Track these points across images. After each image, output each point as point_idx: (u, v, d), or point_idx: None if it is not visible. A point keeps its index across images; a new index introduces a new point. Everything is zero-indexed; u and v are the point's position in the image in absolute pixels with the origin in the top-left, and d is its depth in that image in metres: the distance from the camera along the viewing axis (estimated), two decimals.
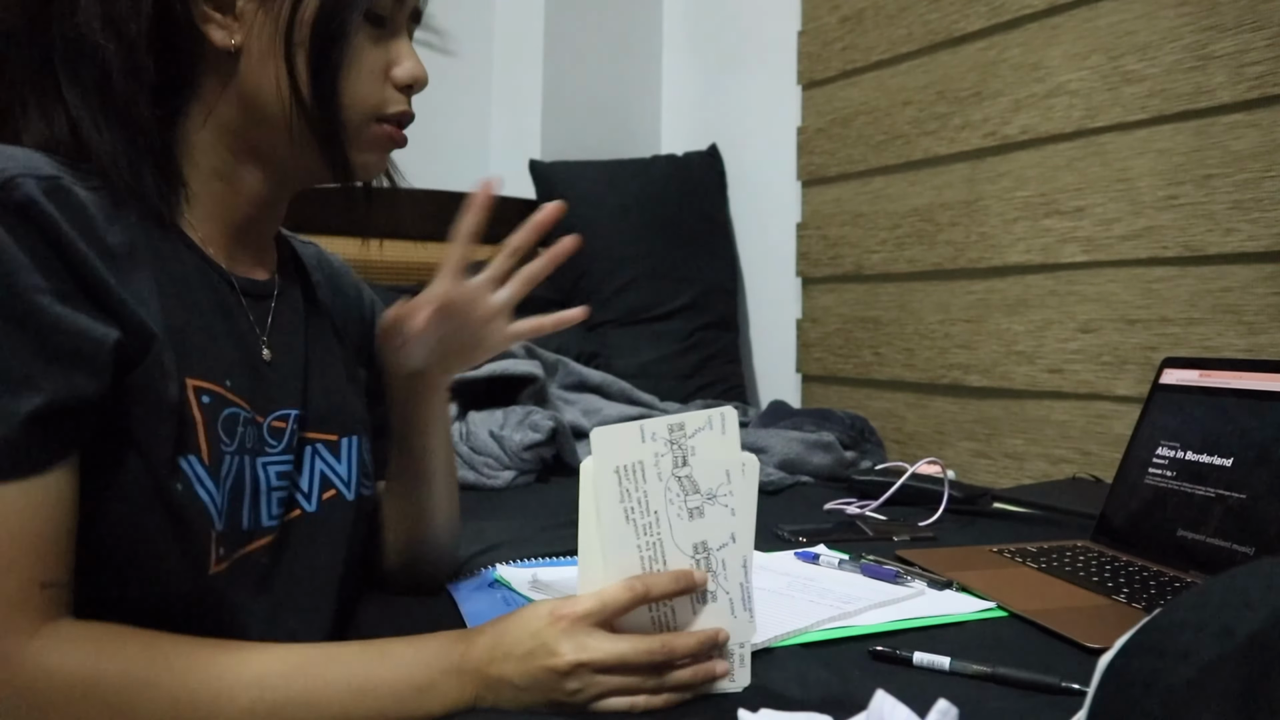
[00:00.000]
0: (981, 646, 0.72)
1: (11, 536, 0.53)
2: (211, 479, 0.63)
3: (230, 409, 0.66)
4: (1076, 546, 1.02)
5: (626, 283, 2.20)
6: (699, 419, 0.61)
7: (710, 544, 0.62)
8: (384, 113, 0.71)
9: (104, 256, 0.59)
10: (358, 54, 0.69)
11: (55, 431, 0.55)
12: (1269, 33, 1.36)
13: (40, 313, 0.55)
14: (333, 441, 0.77)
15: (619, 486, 0.60)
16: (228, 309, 0.70)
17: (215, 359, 0.66)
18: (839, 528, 1.17)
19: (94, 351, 0.57)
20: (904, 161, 1.93)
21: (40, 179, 0.57)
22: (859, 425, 1.79)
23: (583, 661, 0.58)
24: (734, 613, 0.63)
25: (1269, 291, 1.38)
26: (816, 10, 2.15)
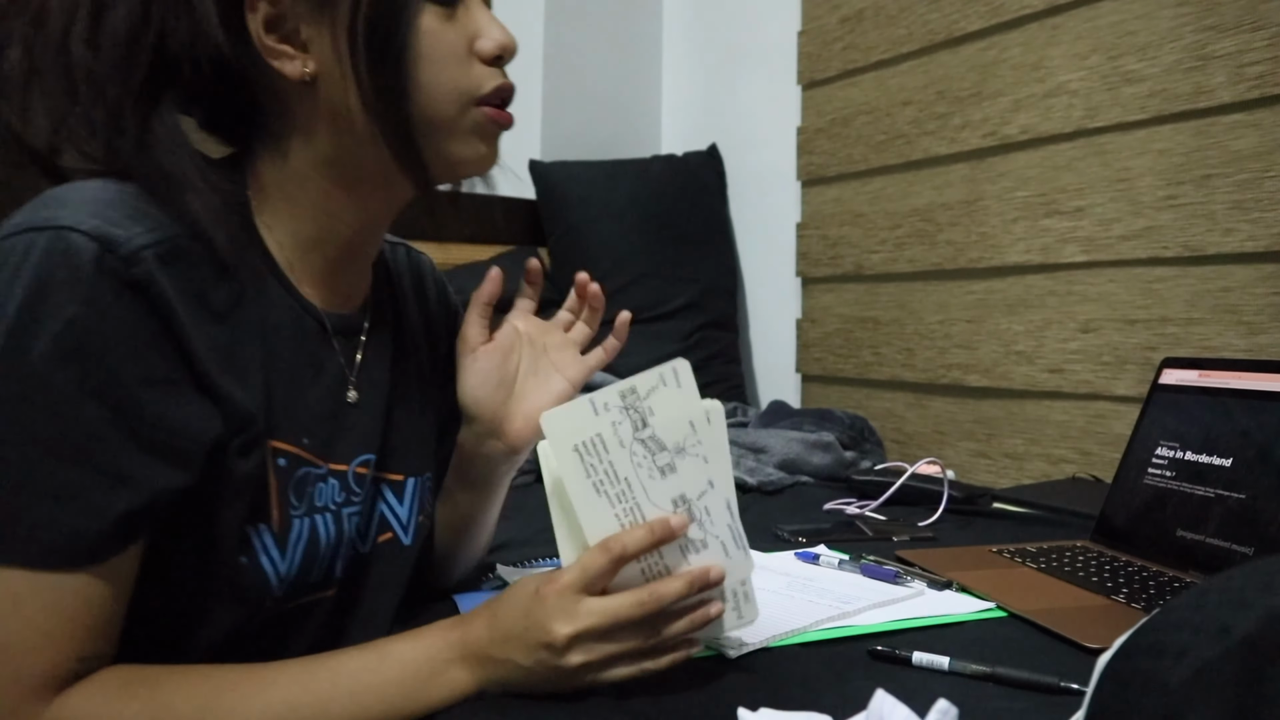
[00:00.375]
0: (981, 646, 0.72)
1: (63, 618, 0.53)
2: (278, 547, 0.63)
3: (303, 469, 0.65)
4: (1076, 546, 1.02)
5: (626, 283, 2.20)
6: (650, 378, 0.60)
7: (689, 495, 0.61)
8: (479, 93, 0.66)
9: (213, 320, 0.59)
10: (429, 39, 0.63)
11: (139, 525, 0.55)
12: (1269, 33, 1.36)
13: (143, 406, 0.54)
14: (399, 482, 0.75)
15: (582, 463, 0.59)
16: (317, 356, 0.68)
17: (298, 416, 0.65)
18: (839, 528, 1.17)
19: (192, 448, 0.57)
20: (904, 161, 1.93)
21: (160, 244, 0.56)
22: (859, 425, 1.79)
23: (578, 631, 0.58)
24: (727, 553, 0.63)
25: (1269, 291, 1.38)
26: (816, 10, 2.15)
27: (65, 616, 0.53)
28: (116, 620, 0.56)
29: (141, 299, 0.55)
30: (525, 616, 0.59)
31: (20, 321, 0.52)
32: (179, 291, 0.56)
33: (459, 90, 0.65)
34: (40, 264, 0.52)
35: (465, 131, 0.66)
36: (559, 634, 0.58)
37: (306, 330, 0.68)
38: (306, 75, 0.62)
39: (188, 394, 0.57)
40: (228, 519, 0.60)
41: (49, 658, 0.52)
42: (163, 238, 0.56)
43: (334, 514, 0.68)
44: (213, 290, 0.60)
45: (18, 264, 0.53)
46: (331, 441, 0.68)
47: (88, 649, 0.54)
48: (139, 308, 0.54)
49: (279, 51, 0.62)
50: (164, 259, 0.56)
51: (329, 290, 0.70)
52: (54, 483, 0.52)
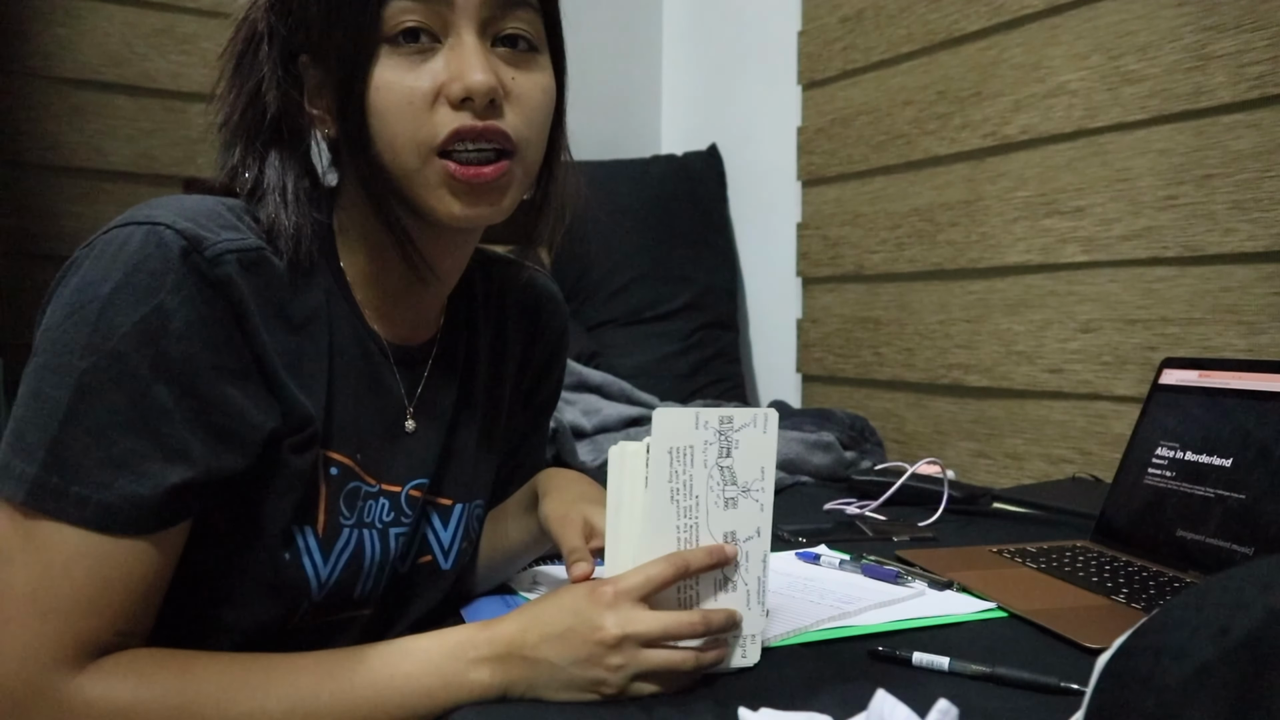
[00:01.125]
0: (981, 647, 0.72)
1: (108, 584, 0.56)
2: (321, 552, 0.66)
3: (354, 483, 0.68)
4: (1076, 546, 1.02)
5: (626, 283, 2.20)
6: (746, 415, 0.63)
7: (739, 535, 0.64)
8: (434, 142, 0.63)
9: (286, 329, 0.63)
10: (384, 92, 0.63)
11: (188, 500, 0.59)
12: (1269, 33, 1.36)
13: (211, 389, 0.58)
14: (447, 507, 0.76)
15: (670, 466, 0.61)
16: (378, 379, 0.71)
17: (355, 432, 0.68)
18: (839, 528, 1.17)
19: (250, 434, 0.60)
20: (904, 161, 1.93)
21: (244, 251, 0.61)
22: (859, 425, 1.79)
23: (629, 634, 0.59)
24: (749, 604, 0.65)
25: (1269, 291, 1.38)
26: (816, 10, 2.15)
27: (110, 584, 0.56)
28: (155, 597, 0.59)
29: (221, 296, 0.59)
30: (574, 614, 0.60)
31: (111, 302, 0.56)
32: (256, 296, 0.61)
33: (415, 140, 0.63)
34: (135, 253, 0.57)
35: (432, 185, 0.64)
36: (610, 631, 0.58)
37: (371, 357, 0.70)
38: (329, 136, 0.68)
39: (253, 387, 0.61)
40: (275, 511, 0.63)
41: (91, 625, 0.55)
42: (247, 247, 0.61)
43: (380, 532, 0.70)
44: (288, 303, 0.64)
45: (115, 252, 0.58)
46: (386, 463, 0.71)
47: (125, 622, 0.57)
48: (217, 303, 0.59)
49: (316, 118, 0.68)
50: (245, 265, 0.61)
51: (393, 322, 0.73)
52: (117, 450, 0.56)
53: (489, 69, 0.63)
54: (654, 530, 0.61)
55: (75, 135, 1.86)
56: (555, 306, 0.87)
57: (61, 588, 0.55)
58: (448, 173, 0.63)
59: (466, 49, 0.63)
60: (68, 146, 1.86)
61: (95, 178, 1.88)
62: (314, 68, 0.67)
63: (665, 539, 0.62)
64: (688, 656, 0.61)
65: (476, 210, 0.65)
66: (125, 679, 0.56)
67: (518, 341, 0.84)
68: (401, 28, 0.62)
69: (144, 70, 1.92)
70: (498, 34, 0.65)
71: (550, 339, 0.87)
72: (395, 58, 0.63)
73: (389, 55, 0.63)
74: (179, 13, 1.92)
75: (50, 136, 1.84)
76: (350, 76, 0.63)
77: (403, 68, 0.63)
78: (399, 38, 0.62)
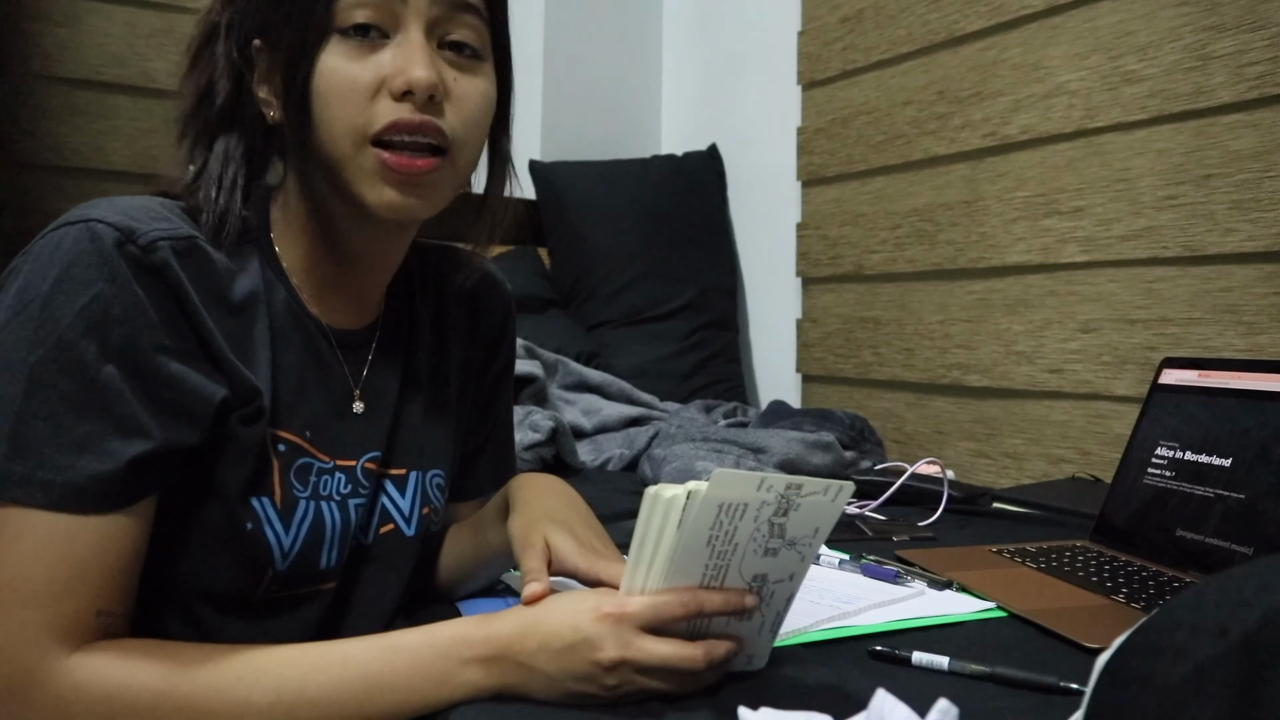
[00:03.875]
0: (981, 646, 0.72)
1: (83, 564, 0.57)
2: (282, 521, 0.67)
3: (304, 459, 0.69)
4: (1076, 546, 1.02)
5: (626, 283, 2.20)
6: (817, 485, 0.61)
7: (769, 578, 0.63)
8: (371, 130, 0.65)
9: (225, 313, 0.65)
10: (329, 77, 0.65)
11: (149, 474, 0.60)
12: (1269, 33, 1.36)
13: (158, 368, 0.60)
14: (401, 476, 0.77)
15: (715, 518, 0.59)
16: (323, 361, 0.72)
17: (302, 412, 0.70)
18: (839, 528, 1.17)
19: (200, 407, 0.62)
20: (904, 161, 1.93)
21: (177, 239, 0.63)
22: (859, 425, 1.79)
23: (626, 659, 0.58)
24: (760, 633, 0.65)
25: (1269, 291, 1.38)
26: (816, 10, 2.15)
27: (86, 564, 0.57)
28: (132, 575, 0.61)
29: (158, 280, 0.61)
30: (575, 631, 0.59)
31: (51, 297, 0.58)
32: (194, 280, 0.63)
33: (352, 127, 0.65)
34: (70, 249, 0.59)
35: (366, 172, 0.66)
36: (609, 655, 0.58)
37: (313, 339, 0.72)
38: (274, 120, 0.69)
39: (198, 363, 0.63)
40: (231, 479, 0.64)
41: (72, 606, 0.57)
42: (179, 235, 0.63)
43: (339, 504, 0.71)
44: (225, 288, 0.66)
45: (52, 252, 0.60)
46: (338, 440, 0.72)
47: (105, 601, 0.58)
48: (155, 287, 0.61)
49: (264, 100, 0.70)
50: (179, 252, 0.62)
51: (333, 308, 0.74)
52: (75, 434, 0.57)
53: (432, 66, 0.65)
54: (679, 565, 0.60)
55: (75, 135, 1.86)
56: (494, 284, 0.88)
57: (39, 572, 0.56)
58: (381, 161, 0.65)
59: (412, 45, 0.65)
60: (68, 146, 1.86)
61: (95, 178, 1.88)
62: (266, 51, 0.69)
63: (689, 574, 0.61)
64: (684, 684, 0.61)
65: (406, 201, 0.66)
66: (114, 663, 0.57)
67: (461, 320, 0.85)
68: (352, 22, 0.64)
69: (144, 70, 1.92)
70: (444, 37, 0.68)
71: (495, 313, 0.88)
72: (343, 46, 0.65)
73: (337, 44, 0.65)
74: (179, 13, 1.93)
75: (50, 136, 1.84)
76: (297, 59, 0.65)
77: (349, 56, 0.65)
78: (349, 30, 0.65)
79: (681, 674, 0.60)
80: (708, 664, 0.60)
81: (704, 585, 0.61)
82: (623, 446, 1.73)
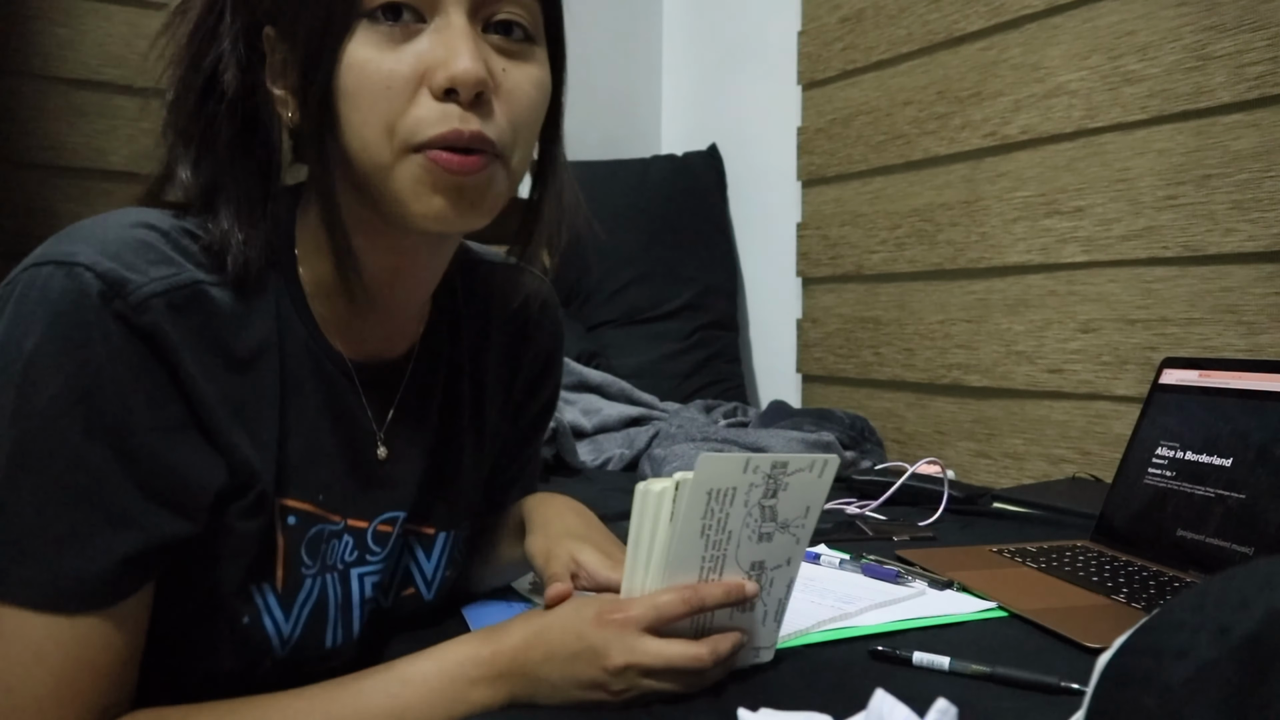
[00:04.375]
0: (981, 646, 0.72)
1: (81, 666, 0.52)
2: (283, 608, 0.62)
3: (317, 527, 0.63)
4: (1076, 546, 1.02)
5: (626, 283, 2.20)
6: (802, 461, 0.61)
7: (767, 564, 0.63)
8: (415, 140, 0.56)
9: (230, 370, 0.57)
10: (356, 72, 0.55)
11: (142, 568, 0.54)
12: (1269, 33, 1.36)
13: (150, 453, 0.53)
14: (429, 536, 0.73)
15: (706, 506, 0.59)
16: (342, 407, 0.64)
17: (314, 473, 0.63)
18: (839, 528, 1.17)
19: (195, 498, 0.55)
20: (904, 161, 1.93)
21: (174, 291, 0.54)
22: (859, 425, 1.79)
23: (632, 664, 0.58)
24: (764, 622, 0.65)
25: (1269, 291, 1.38)
26: (816, 10, 2.15)
27: (84, 663, 0.52)
28: (132, 666, 0.56)
29: (148, 345, 0.53)
30: (579, 639, 0.59)
31: (34, 360, 0.51)
32: (190, 339, 0.55)
33: (389, 131, 0.55)
34: (55, 301, 0.52)
35: (409, 181, 0.56)
36: (615, 662, 0.58)
37: (332, 382, 0.64)
38: (292, 123, 0.60)
39: (193, 442, 0.56)
40: (229, 575, 0.59)
41: (75, 709, 0.52)
42: (177, 284, 0.55)
43: (340, 574, 0.66)
44: (233, 338, 0.58)
45: (36, 300, 0.52)
46: (353, 497, 0.66)
47: (108, 697, 0.54)
48: (145, 354, 0.53)
49: (279, 98, 0.60)
50: (176, 306, 0.54)
51: (362, 337, 0.66)
52: (60, 526, 0.51)
53: (478, 57, 0.55)
54: (677, 561, 0.60)
55: (75, 135, 1.86)
56: (549, 312, 0.80)
57: (38, 676, 0.51)
58: (426, 165, 0.56)
59: (454, 32, 0.55)
60: (68, 146, 1.86)
61: (95, 178, 1.88)
62: (280, 41, 0.59)
63: (687, 569, 0.61)
64: (692, 683, 0.60)
65: (457, 209, 0.57)
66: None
67: (505, 350, 0.78)
68: (381, 2, 0.55)
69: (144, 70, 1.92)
70: (490, 18, 0.58)
71: (543, 348, 0.81)
72: (373, 34, 0.55)
73: (366, 31, 0.55)
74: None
75: (50, 136, 1.84)
76: (318, 50, 0.55)
77: (381, 46, 0.55)
78: (378, 13, 0.55)
79: (688, 673, 0.60)
80: (714, 660, 0.60)
81: (703, 578, 0.61)
82: (623, 446, 1.73)
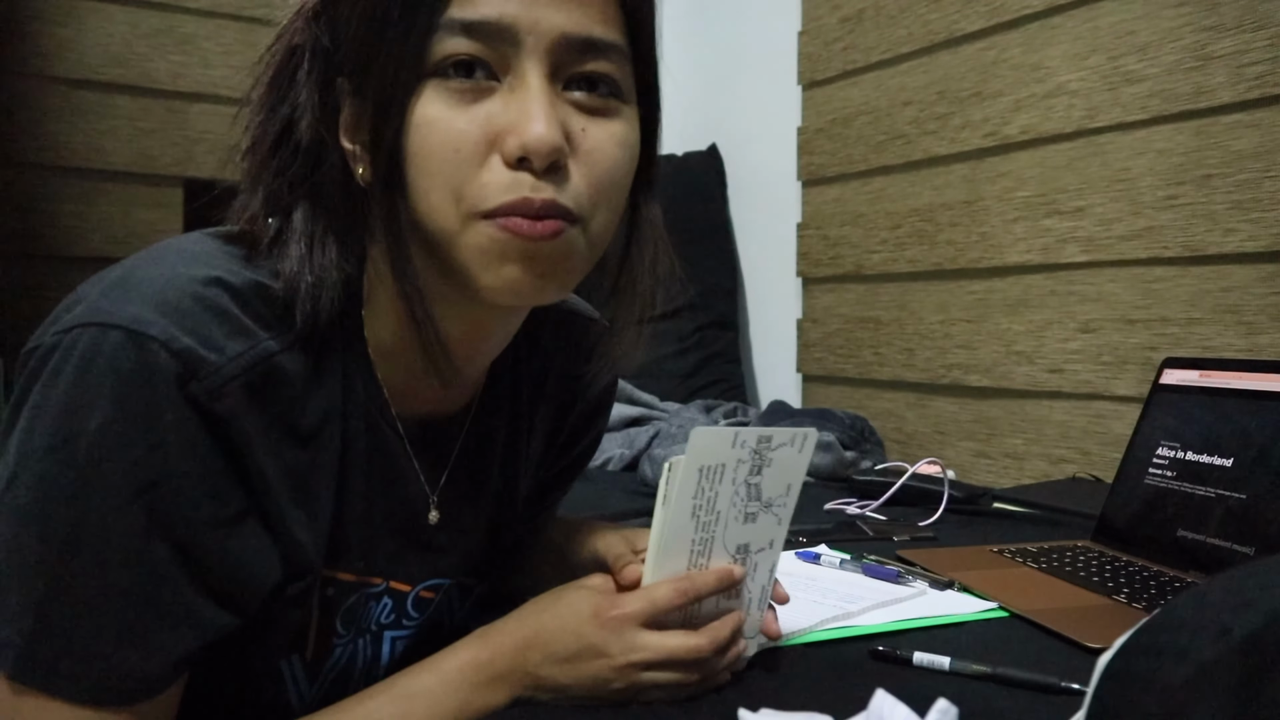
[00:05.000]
0: (982, 646, 0.72)
1: None
2: (308, 677, 0.62)
3: (356, 593, 0.62)
4: (1076, 546, 1.02)
5: None
6: (784, 435, 0.61)
7: (751, 547, 0.64)
8: (483, 207, 0.52)
9: (294, 446, 0.55)
10: (423, 131, 0.52)
11: (191, 662, 0.53)
12: (1269, 33, 1.36)
13: (213, 548, 0.51)
14: (468, 585, 0.73)
15: (697, 484, 0.60)
16: (395, 472, 0.62)
17: (363, 541, 0.61)
18: (839, 528, 1.17)
19: (253, 593, 0.54)
20: (904, 161, 1.93)
21: (251, 369, 0.51)
22: (859, 425, 1.79)
23: (632, 662, 0.58)
24: (749, 610, 0.65)
25: (1269, 291, 1.38)
26: (816, 10, 2.15)
27: None
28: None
29: (220, 433, 0.51)
30: (578, 639, 0.58)
31: (99, 441, 0.48)
32: (263, 422, 0.53)
33: (457, 197, 0.52)
34: (124, 379, 0.48)
35: (478, 250, 0.53)
36: (616, 662, 0.58)
37: (387, 448, 0.62)
38: (364, 180, 0.56)
39: (253, 532, 0.53)
40: (260, 651, 0.58)
41: None
42: (254, 361, 0.52)
43: (374, 635, 0.65)
44: (301, 411, 0.55)
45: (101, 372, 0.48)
46: (399, 562, 0.65)
47: None
48: (216, 442, 0.51)
49: (352, 154, 0.57)
50: (253, 387, 0.52)
51: (423, 396, 0.63)
52: (116, 623, 0.49)
53: (554, 121, 0.52)
54: (670, 544, 0.61)
55: (75, 135, 1.86)
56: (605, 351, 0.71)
57: None
58: (495, 233, 0.52)
59: (530, 94, 0.52)
60: (68, 146, 1.86)
61: (95, 178, 1.88)
62: (353, 95, 0.56)
63: (679, 554, 0.61)
64: (692, 679, 0.60)
65: (532, 280, 0.54)
66: None
67: (556, 387, 0.74)
68: (452, 60, 0.52)
69: (144, 70, 1.92)
70: (573, 73, 0.54)
71: (596, 388, 0.76)
72: (443, 91, 0.52)
73: (436, 88, 0.52)
74: (179, 13, 1.92)
75: (50, 136, 1.84)
76: (387, 106, 0.52)
77: (451, 104, 0.52)
78: (449, 68, 0.52)
79: (690, 664, 0.60)
80: (713, 648, 0.60)
81: (691, 564, 0.62)
82: (623, 446, 1.73)
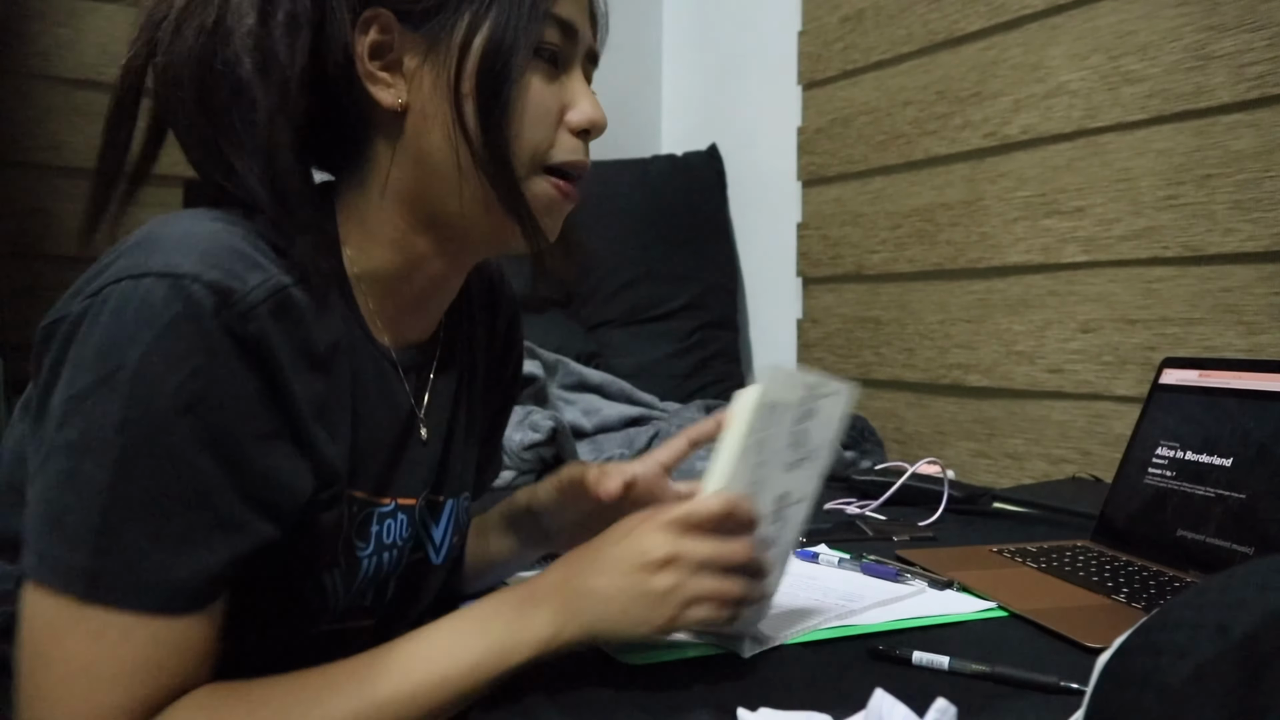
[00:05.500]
0: (981, 646, 0.72)
1: (186, 660, 0.54)
2: (345, 585, 0.65)
3: (369, 509, 0.67)
4: (1076, 546, 1.02)
5: (626, 283, 2.20)
6: (832, 384, 0.63)
7: (790, 498, 0.64)
8: (551, 160, 0.65)
9: (313, 372, 0.59)
10: (528, 94, 0.63)
11: (237, 571, 0.56)
12: (1269, 33, 1.36)
13: (253, 460, 0.55)
14: (439, 504, 0.76)
15: (760, 419, 0.60)
16: (391, 396, 0.68)
17: (374, 463, 0.66)
18: (839, 527, 1.17)
19: (289, 502, 0.58)
20: (904, 161, 1.93)
21: (273, 295, 0.56)
22: (859, 425, 1.79)
23: (678, 553, 0.59)
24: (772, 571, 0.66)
25: (1269, 291, 1.38)
26: (816, 10, 2.15)
27: (167, 659, 0.53)
28: (211, 657, 0.57)
29: (254, 355, 0.55)
30: (621, 539, 0.61)
31: (141, 370, 0.52)
32: (287, 345, 0.57)
33: (536, 150, 0.64)
34: (161, 311, 0.52)
35: (540, 198, 0.66)
36: (659, 551, 0.59)
37: (384, 375, 0.68)
38: (399, 106, 0.63)
39: (287, 449, 0.58)
40: (303, 567, 0.62)
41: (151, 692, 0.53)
42: (275, 289, 0.56)
43: (400, 550, 0.70)
44: (315, 339, 0.59)
45: (137, 310, 0.52)
46: (400, 479, 0.69)
47: (188, 682, 0.55)
48: (251, 363, 0.55)
49: (378, 78, 0.63)
50: (276, 313, 0.56)
51: (402, 328, 0.70)
52: (171, 530, 0.52)
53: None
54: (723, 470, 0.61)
55: (75, 135, 1.86)
56: (504, 281, 0.86)
57: (122, 665, 0.52)
58: (551, 191, 0.66)
59: (582, 85, 0.68)
60: (68, 146, 1.86)
61: None
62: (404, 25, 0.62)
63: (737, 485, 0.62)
64: (737, 583, 0.61)
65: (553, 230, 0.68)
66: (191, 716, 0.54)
67: (483, 322, 0.82)
68: (553, 45, 0.64)
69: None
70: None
71: (508, 312, 0.86)
72: (538, 66, 0.64)
73: (534, 61, 0.64)
74: None
75: (50, 136, 1.84)
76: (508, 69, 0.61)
77: (544, 78, 0.64)
78: (544, 50, 0.64)
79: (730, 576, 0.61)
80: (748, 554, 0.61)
81: None
82: (623, 446, 1.73)
